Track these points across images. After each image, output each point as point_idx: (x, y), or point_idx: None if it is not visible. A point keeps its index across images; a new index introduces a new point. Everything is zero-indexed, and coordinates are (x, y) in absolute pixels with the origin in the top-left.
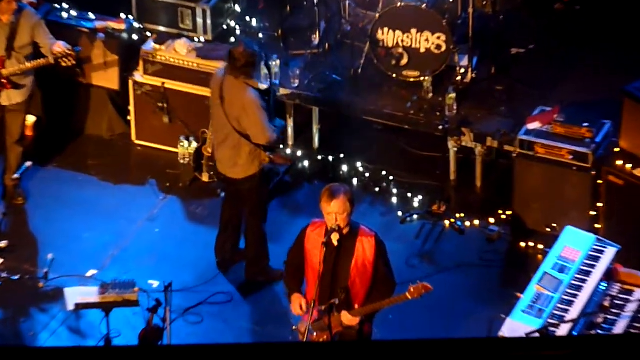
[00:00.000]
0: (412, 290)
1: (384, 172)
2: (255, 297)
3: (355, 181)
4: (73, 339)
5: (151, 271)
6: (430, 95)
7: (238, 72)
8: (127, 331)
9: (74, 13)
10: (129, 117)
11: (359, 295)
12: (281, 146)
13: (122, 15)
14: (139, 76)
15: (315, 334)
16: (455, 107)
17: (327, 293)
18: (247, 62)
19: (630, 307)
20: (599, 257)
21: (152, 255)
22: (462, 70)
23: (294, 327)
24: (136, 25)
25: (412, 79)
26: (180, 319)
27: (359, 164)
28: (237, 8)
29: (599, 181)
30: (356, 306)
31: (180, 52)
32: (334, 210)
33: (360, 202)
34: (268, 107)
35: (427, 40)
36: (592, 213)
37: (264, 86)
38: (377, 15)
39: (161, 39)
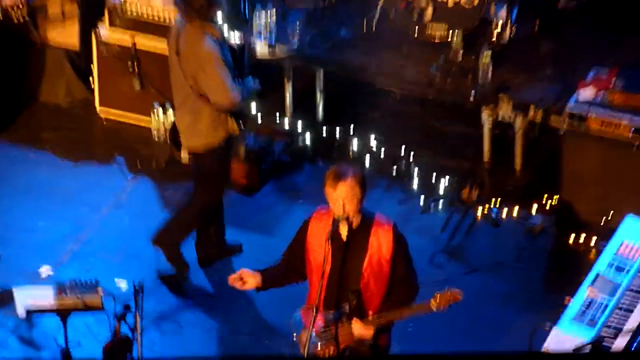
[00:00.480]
0: (437, 298)
1: (402, 150)
2: (245, 302)
3: (367, 160)
4: (24, 351)
5: (118, 269)
6: (460, 56)
7: (193, 14)
8: (89, 342)
9: None
10: (91, 81)
11: (373, 300)
12: (280, 118)
13: None
14: (103, 31)
15: (320, 346)
16: (490, 71)
17: (334, 297)
18: (204, 1)
19: None
20: None
21: (120, 250)
22: (499, 26)
23: (295, 336)
24: None
25: (437, 37)
26: (153, 328)
27: (372, 140)
28: None
29: None
30: (370, 314)
31: (155, 2)
32: (341, 196)
33: (374, 186)
34: (237, 64)
35: None
36: None
37: (232, 38)
38: None
39: None
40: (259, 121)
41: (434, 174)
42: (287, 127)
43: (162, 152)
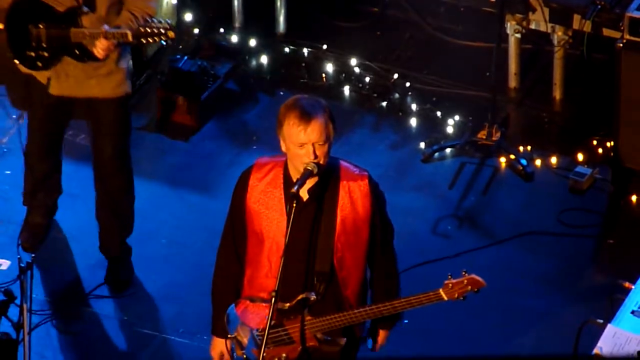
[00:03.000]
0: (450, 286)
1: (396, 75)
2: (175, 288)
3: (347, 90)
4: None
5: None
6: None
7: None
8: None
9: None
10: None
11: (350, 279)
12: (226, 30)
13: None
14: None
15: (267, 349)
16: None
17: (296, 282)
18: None
19: None
20: None
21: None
22: None
23: (230, 336)
24: None
25: None
26: (48, 324)
27: (353, 62)
28: None
29: None
30: (348, 300)
31: None
32: (313, 139)
33: (357, 125)
34: None
35: None
36: None
37: None
38: None
39: None
40: (196, 34)
41: (440, 107)
42: (234, 42)
43: None
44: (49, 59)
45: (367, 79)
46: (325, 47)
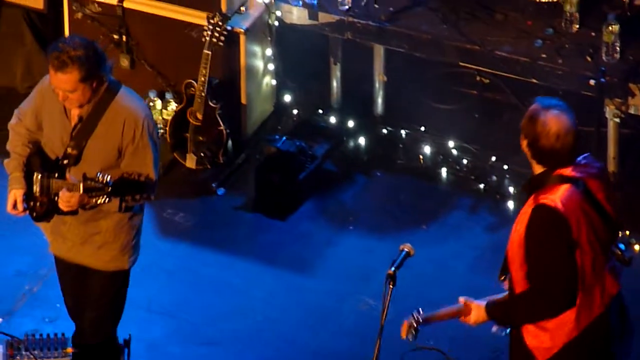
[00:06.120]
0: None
1: (493, 158)
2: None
3: (444, 172)
4: None
5: None
6: (576, 27)
7: None
8: None
9: None
10: None
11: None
12: (325, 111)
13: None
14: None
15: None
16: (618, 48)
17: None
18: None
19: None
20: None
21: None
22: None
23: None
24: None
25: (545, 0)
26: None
27: (451, 144)
28: None
29: None
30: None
31: None
32: None
33: (453, 208)
34: None
35: None
36: None
37: None
38: None
39: None
40: (295, 115)
41: None
42: (332, 123)
43: (160, 154)
44: (39, 210)
45: (465, 161)
46: (422, 128)
